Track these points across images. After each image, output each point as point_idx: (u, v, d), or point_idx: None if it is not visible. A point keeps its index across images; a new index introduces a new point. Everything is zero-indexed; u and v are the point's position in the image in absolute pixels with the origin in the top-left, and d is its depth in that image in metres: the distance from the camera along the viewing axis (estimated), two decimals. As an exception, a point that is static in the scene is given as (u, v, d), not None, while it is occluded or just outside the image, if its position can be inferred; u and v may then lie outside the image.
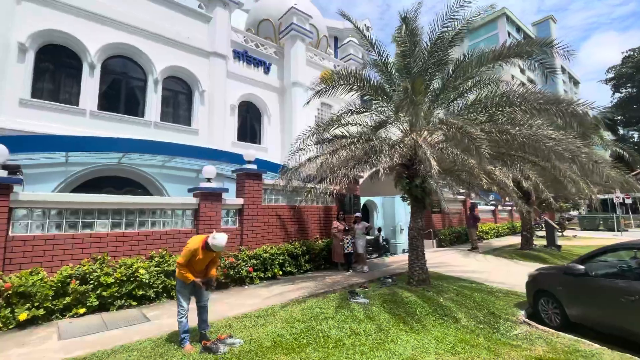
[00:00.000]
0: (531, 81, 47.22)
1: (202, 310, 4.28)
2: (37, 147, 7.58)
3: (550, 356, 4.16)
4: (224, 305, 5.84)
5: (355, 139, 6.36)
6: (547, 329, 5.16)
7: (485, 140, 4.73)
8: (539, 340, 4.74)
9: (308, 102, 7.76)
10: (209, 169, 7.47)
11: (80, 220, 5.97)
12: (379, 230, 19.28)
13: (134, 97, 11.09)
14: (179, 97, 12.13)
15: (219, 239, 3.92)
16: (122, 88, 10.88)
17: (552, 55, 5.33)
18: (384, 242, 18.76)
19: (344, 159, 6.56)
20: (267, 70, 15.12)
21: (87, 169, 9.32)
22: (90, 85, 9.92)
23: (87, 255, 5.83)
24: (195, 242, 4.08)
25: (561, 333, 4.96)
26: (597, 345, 4.52)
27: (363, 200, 18.85)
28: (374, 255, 15.21)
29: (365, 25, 28.87)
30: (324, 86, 6.85)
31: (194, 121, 12.11)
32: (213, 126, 12.23)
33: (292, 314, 5.30)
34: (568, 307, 5.24)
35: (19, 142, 7.30)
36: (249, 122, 14.83)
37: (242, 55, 14.20)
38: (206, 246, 4.02)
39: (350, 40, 18.84)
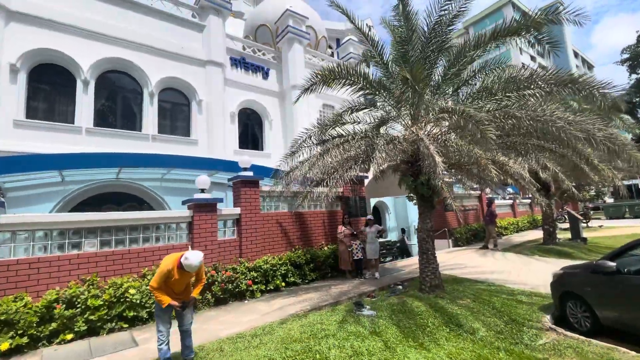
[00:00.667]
0: (543, 68, 45.60)
1: (184, 335, 3.89)
2: (31, 167, 7.45)
3: (583, 372, 3.59)
4: (219, 324, 5.45)
5: (350, 137, 5.91)
6: (576, 335, 4.56)
7: (490, 122, 4.19)
8: (568, 350, 4.15)
9: (297, 100, 7.37)
10: (202, 179, 7.16)
11: (67, 241, 5.72)
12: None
13: (130, 111, 10.97)
14: (176, 109, 11.96)
15: (190, 258, 3.54)
16: (118, 103, 10.78)
17: (561, 23, 4.72)
18: (398, 244, 18.11)
19: (339, 159, 6.13)
20: (265, 75, 14.86)
21: (84, 186, 9.17)
22: (84, 102, 9.83)
23: (75, 277, 5.57)
24: (168, 262, 3.71)
25: (593, 340, 4.35)
26: (633, 353, 3.95)
27: (373, 201, 18.29)
28: (387, 259, 14.61)
29: (367, 24, 28.50)
30: (313, 82, 6.44)
31: (192, 132, 11.90)
32: (212, 135, 12.00)
33: (290, 331, 4.86)
34: (599, 309, 4.61)
35: (12, 163, 7.20)
36: (250, 129, 14.58)
37: (239, 62, 13.98)
38: (181, 266, 3.64)
39: (350, 39, 18.43)
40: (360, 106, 7.68)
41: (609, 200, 26.08)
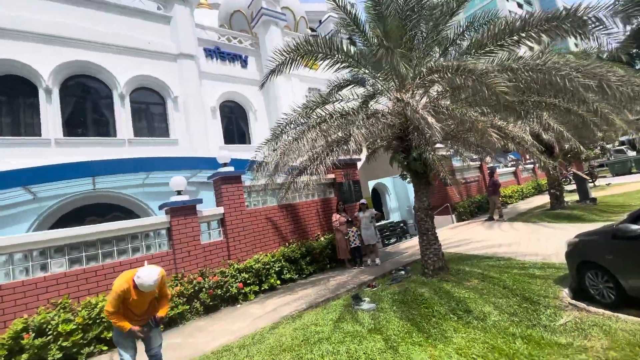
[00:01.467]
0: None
1: (154, 360, 3.40)
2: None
3: (614, 357, 3.06)
4: (206, 335, 4.98)
5: (328, 116, 5.29)
6: (600, 310, 4.03)
7: (496, 72, 3.54)
8: (594, 328, 3.63)
9: (263, 85, 6.70)
10: (177, 180, 6.60)
11: (31, 263, 5.22)
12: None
13: (102, 117, 10.34)
14: (151, 109, 11.30)
15: (143, 277, 3.01)
16: (87, 109, 10.13)
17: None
18: (403, 225, 17.61)
19: (322, 143, 5.53)
20: (244, 64, 14.09)
21: (61, 201, 8.66)
22: (50, 112, 9.21)
23: (44, 302, 5.09)
24: (122, 281, 3.18)
25: (620, 315, 3.82)
26: (670, 328, 3.42)
27: (371, 184, 17.71)
28: (392, 240, 14.14)
29: (349, 1, 27.28)
30: (280, 62, 5.77)
31: (171, 131, 11.27)
32: (193, 133, 11.37)
33: (281, 338, 4.38)
34: (624, 279, 4.06)
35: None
36: (235, 122, 13.91)
37: (214, 52, 13.21)
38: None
39: (330, 16, 17.46)
40: (345, 83, 7.04)
41: (631, 153, 25.09)
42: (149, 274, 3.02)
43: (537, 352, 3.28)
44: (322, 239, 8.47)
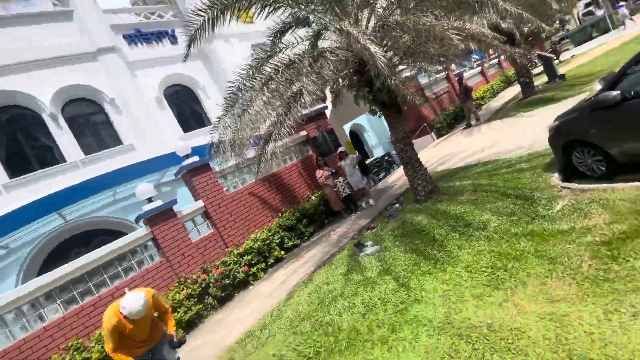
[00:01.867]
0: None
1: (173, 377, 3.32)
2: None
3: (619, 229, 3.03)
4: (225, 328, 4.97)
5: (273, 72, 4.75)
6: (594, 186, 4.02)
7: None
8: (592, 205, 3.62)
9: (186, 58, 5.93)
10: (143, 188, 6.14)
11: (25, 319, 4.94)
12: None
13: (42, 145, 9.38)
14: (92, 120, 10.27)
15: (128, 307, 2.77)
16: (23, 142, 9.12)
17: None
18: (388, 157, 17.57)
19: (279, 103, 5.06)
20: (173, 39, 12.65)
21: (36, 245, 8.17)
22: (-18, 158, 8.27)
23: (54, 350, 4.92)
24: (110, 315, 2.95)
25: (615, 185, 3.80)
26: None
27: (347, 128, 17.31)
28: (381, 175, 14.14)
29: None
30: (198, 26, 5.00)
31: (122, 137, 10.39)
32: (145, 132, 10.51)
33: (298, 307, 4.36)
34: (612, 148, 4.00)
35: None
36: (188, 106, 12.91)
37: (135, 36, 11.73)
38: None
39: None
40: (286, 27, 6.29)
41: (599, 12, 24.26)
42: (132, 302, 2.78)
43: (542, 246, 3.27)
44: (312, 198, 8.33)
